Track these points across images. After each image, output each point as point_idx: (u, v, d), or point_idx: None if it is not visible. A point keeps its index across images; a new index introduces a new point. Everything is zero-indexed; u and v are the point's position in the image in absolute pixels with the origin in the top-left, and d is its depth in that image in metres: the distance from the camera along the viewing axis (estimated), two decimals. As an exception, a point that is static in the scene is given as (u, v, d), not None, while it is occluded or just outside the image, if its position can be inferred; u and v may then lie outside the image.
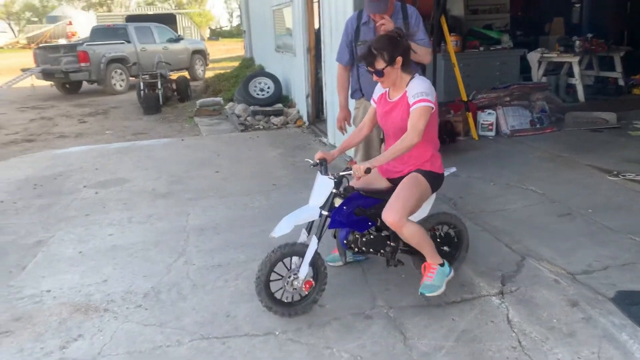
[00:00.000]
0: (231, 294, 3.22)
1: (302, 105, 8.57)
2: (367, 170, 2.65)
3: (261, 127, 8.33)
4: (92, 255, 3.90)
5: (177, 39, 16.54)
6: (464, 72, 7.05)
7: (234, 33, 49.94)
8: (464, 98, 6.71)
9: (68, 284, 3.46)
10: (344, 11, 5.63)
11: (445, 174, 3.07)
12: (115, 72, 13.86)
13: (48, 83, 14.19)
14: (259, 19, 13.17)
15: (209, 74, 16.24)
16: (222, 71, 14.82)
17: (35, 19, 54.98)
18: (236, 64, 16.65)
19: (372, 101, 3.12)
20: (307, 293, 2.90)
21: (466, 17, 9.66)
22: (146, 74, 11.35)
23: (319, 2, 6.83)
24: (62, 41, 30.08)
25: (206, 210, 4.71)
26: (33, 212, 4.85)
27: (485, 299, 3.03)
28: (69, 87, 14.36)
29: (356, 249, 3.00)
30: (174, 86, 12.00)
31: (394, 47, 2.78)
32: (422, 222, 2.98)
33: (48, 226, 4.48)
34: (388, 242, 2.99)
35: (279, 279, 2.87)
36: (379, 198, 2.89)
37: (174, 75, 12.99)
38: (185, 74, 15.36)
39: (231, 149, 6.84)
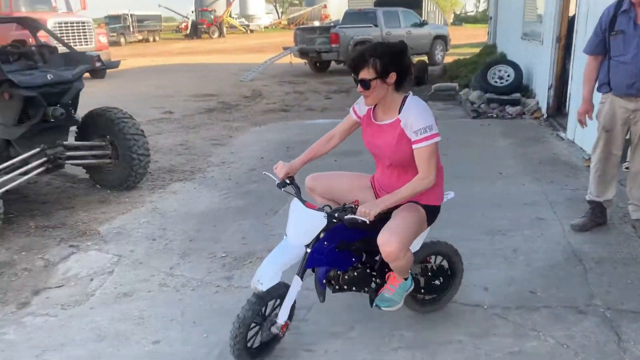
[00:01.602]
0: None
1: (542, 96, 8.18)
2: (378, 215, 2.27)
3: (494, 115, 8.21)
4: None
5: (421, 24, 16.92)
6: None
7: (479, 19, 48.55)
8: None
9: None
10: (604, -2, 5.24)
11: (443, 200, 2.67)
12: (361, 54, 14.88)
13: (302, 61, 16.00)
14: (508, 5, 12.75)
15: (448, 59, 16.32)
16: (461, 57, 14.79)
17: (296, 2, 61.39)
18: (476, 50, 16.40)
19: (352, 111, 2.66)
20: (283, 336, 2.59)
21: None
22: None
23: (577, -13, 6.42)
24: (317, 23, 33.20)
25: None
26: (285, 169, 5.74)
27: None
28: (319, 65, 15.94)
29: (337, 287, 2.62)
30: (413, 70, 12.42)
31: (392, 58, 2.36)
32: (416, 252, 2.65)
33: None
34: (373, 279, 2.66)
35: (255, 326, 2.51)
36: (367, 230, 2.43)
37: (414, 60, 13.43)
38: (425, 58, 15.71)
39: (460, 134, 6.95)
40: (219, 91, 11.87)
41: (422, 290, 2.79)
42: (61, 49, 5.24)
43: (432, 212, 2.57)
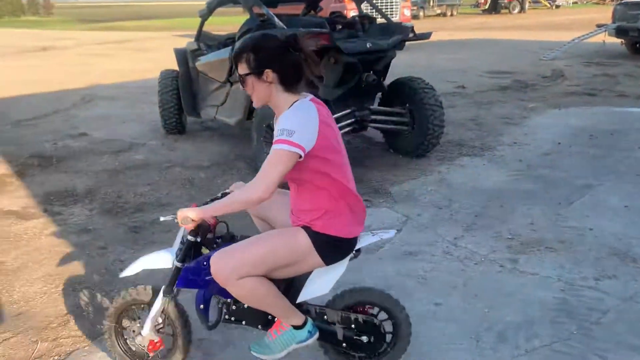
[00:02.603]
0: None
1: None
2: (185, 220, 1.98)
3: None
4: (637, 211, 3.95)
5: None
6: None
7: None
8: None
9: (609, 230, 3.67)
10: None
11: (367, 241, 2.15)
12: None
13: (619, 41, 14.00)
14: None
15: None
16: None
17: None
18: None
19: None
20: (150, 356, 2.30)
21: None
22: None
23: None
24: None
25: None
26: (585, 159, 5.20)
27: None
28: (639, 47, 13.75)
29: (226, 317, 2.21)
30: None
31: (269, 54, 1.98)
32: (334, 299, 2.24)
33: (597, 174, 4.72)
34: (270, 316, 2.18)
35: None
36: None
37: None
38: None
39: None
40: (515, 68, 11.32)
41: (344, 345, 2.25)
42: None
43: (328, 244, 2.05)
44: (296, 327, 2.14)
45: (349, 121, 4.94)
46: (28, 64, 15.02)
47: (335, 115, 4.91)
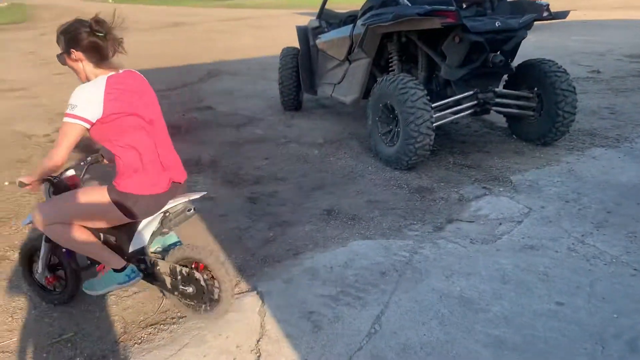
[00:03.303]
0: None
1: None
2: (21, 184, 2.41)
3: None
4: None
5: None
6: None
7: None
8: None
9: None
10: None
11: (178, 201, 2.56)
12: None
13: None
14: None
15: None
16: None
17: None
18: None
19: None
20: (50, 287, 2.90)
21: None
22: None
23: None
24: None
25: None
26: None
27: None
28: None
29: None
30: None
31: (69, 36, 2.31)
32: (170, 253, 2.61)
33: None
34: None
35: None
36: None
37: None
38: None
39: None
40: (661, 53, 10.16)
41: (175, 293, 2.62)
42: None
43: (128, 202, 2.37)
44: (116, 271, 2.55)
45: (471, 103, 4.73)
46: (161, 38, 16.12)
47: (456, 97, 4.74)
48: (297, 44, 6.55)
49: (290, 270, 3.12)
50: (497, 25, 4.42)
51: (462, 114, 4.77)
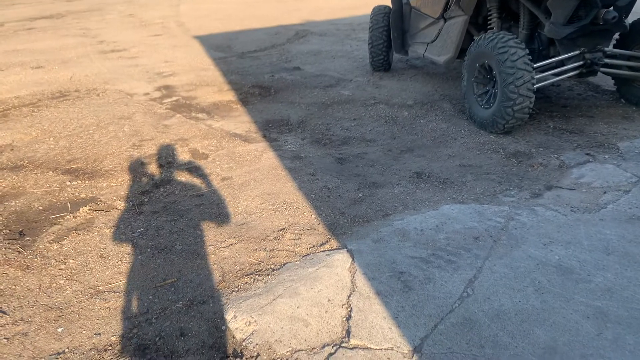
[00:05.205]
0: None
1: None
2: None
3: None
4: None
5: None
6: None
7: None
8: None
9: None
10: None
11: None
12: None
13: None
14: None
15: None
16: None
17: None
18: None
19: None
20: None
21: None
22: None
23: None
24: None
25: None
26: None
27: None
28: None
29: None
30: None
31: None
32: None
33: None
34: None
35: None
36: None
37: None
38: None
39: None
40: None
41: None
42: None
43: None
44: None
45: (576, 64, 4.41)
46: (251, 0, 16.30)
47: (560, 57, 4.44)
48: (388, 3, 6.38)
49: (380, 230, 3.12)
50: (611, -24, 4.04)
51: (566, 75, 4.46)
